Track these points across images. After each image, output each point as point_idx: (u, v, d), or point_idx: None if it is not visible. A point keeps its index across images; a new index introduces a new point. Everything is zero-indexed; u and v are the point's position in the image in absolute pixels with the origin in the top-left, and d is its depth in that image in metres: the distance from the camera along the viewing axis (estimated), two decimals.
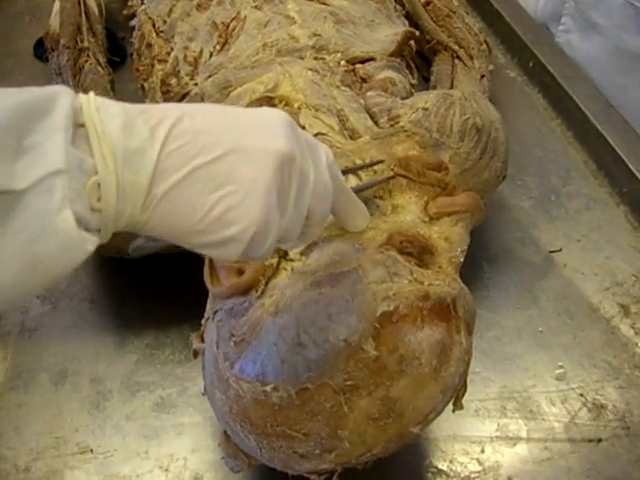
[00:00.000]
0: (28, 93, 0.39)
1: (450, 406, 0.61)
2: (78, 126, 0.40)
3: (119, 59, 1.17)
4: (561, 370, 0.77)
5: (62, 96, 0.40)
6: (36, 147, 0.38)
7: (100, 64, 1.03)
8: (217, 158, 0.43)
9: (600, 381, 0.76)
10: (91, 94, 0.42)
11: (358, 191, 0.60)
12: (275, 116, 0.48)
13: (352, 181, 0.64)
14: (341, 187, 0.53)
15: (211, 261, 0.59)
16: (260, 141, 0.45)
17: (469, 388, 0.63)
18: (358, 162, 0.65)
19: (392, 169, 0.63)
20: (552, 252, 0.89)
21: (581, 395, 0.75)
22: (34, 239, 0.37)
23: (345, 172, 0.62)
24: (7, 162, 0.37)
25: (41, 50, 1.20)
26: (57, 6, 1.12)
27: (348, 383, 0.53)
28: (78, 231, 0.38)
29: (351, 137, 0.71)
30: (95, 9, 1.15)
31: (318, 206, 0.50)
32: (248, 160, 0.44)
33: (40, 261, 0.38)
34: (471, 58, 1.00)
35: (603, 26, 1.14)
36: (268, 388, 0.54)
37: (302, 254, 0.58)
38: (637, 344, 0.80)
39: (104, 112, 0.41)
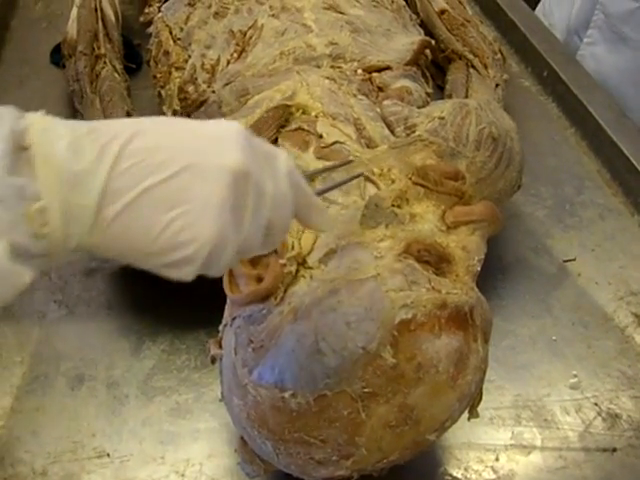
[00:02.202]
0: None
1: (465, 414, 0.61)
2: (23, 149, 0.39)
3: (135, 66, 1.18)
4: (575, 379, 0.77)
5: (3, 119, 0.39)
6: None
7: (117, 71, 1.03)
8: (169, 177, 0.42)
9: (614, 390, 0.76)
10: (39, 114, 0.41)
11: (324, 192, 0.60)
12: (229, 130, 0.46)
13: (370, 190, 0.64)
14: (303, 194, 0.51)
15: (230, 269, 0.59)
16: (213, 157, 0.44)
17: (484, 396, 0.63)
18: (376, 171, 0.65)
19: (410, 178, 0.64)
20: (566, 261, 0.90)
21: (595, 404, 0.75)
22: None
23: (312, 174, 0.64)
24: None
25: (58, 57, 1.21)
26: (74, 13, 1.13)
27: (366, 390, 0.53)
28: (11, 264, 0.38)
29: (368, 146, 0.72)
30: (112, 16, 1.16)
31: (278, 217, 0.48)
32: (201, 178, 0.43)
33: None
34: (486, 67, 1.00)
35: (633, 39, 1.15)
36: (286, 394, 0.54)
37: (321, 262, 0.58)
38: None
39: (51, 133, 0.40)
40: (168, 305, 0.83)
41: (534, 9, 1.39)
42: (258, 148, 0.47)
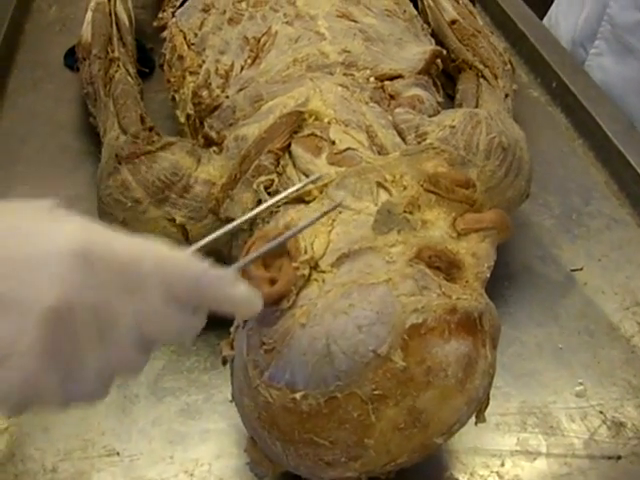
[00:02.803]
0: None
1: (472, 419, 0.62)
2: None
3: (148, 70, 1.19)
4: (581, 387, 0.78)
5: None
6: None
7: (130, 74, 1.04)
8: None
9: (619, 399, 0.77)
10: None
11: (246, 265, 0.56)
12: (59, 247, 0.39)
13: (383, 196, 0.65)
14: (205, 296, 0.45)
15: (244, 270, 0.60)
16: (26, 290, 0.38)
17: (490, 402, 0.64)
18: (389, 177, 0.66)
19: (422, 185, 0.65)
20: (573, 271, 0.91)
21: (601, 412, 0.75)
22: None
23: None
24: None
25: (71, 59, 1.22)
26: (89, 17, 1.15)
27: (376, 393, 0.54)
28: None
29: (379, 153, 0.73)
30: (126, 20, 1.17)
31: (155, 331, 0.43)
32: (9, 317, 0.37)
33: None
34: (495, 77, 1.01)
35: None
36: (297, 396, 0.55)
37: (333, 266, 0.59)
38: None
39: None
40: None
41: (541, 20, 1.40)
42: (110, 262, 0.41)
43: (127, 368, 0.44)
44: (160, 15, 1.16)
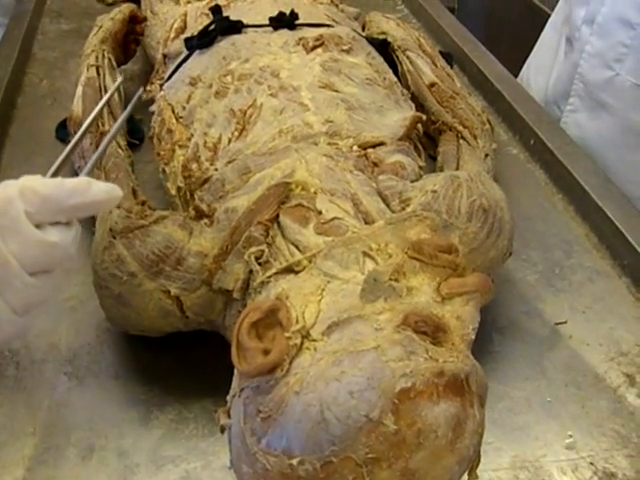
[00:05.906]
0: None
1: (465, 476, 0.64)
2: None
3: (138, 141, 1.23)
4: (571, 439, 0.79)
5: None
6: None
7: (120, 147, 1.07)
8: None
9: (609, 450, 0.79)
10: None
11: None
12: None
13: (369, 265, 0.68)
14: (67, 203, 0.54)
15: (238, 342, 0.62)
16: None
17: (482, 458, 0.65)
18: (374, 246, 0.68)
19: (406, 252, 0.67)
20: (558, 324, 0.93)
21: (591, 464, 0.77)
22: None
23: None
24: None
25: (63, 132, 1.25)
26: (79, 91, 1.18)
27: (369, 456, 0.56)
28: None
29: (365, 220, 0.75)
30: (115, 94, 1.21)
31: (38, 254, 0.52)
32: None
33: None
34: (475, 138, 1.05)
35: (613, 106, 1.21)
36: (294, 462, 0.57)
37: (324, 334, 0.61)
38: None
39: None
40: (175, 376, 0.85)
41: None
42: None
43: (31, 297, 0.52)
44: (148, 88, 1.19)
